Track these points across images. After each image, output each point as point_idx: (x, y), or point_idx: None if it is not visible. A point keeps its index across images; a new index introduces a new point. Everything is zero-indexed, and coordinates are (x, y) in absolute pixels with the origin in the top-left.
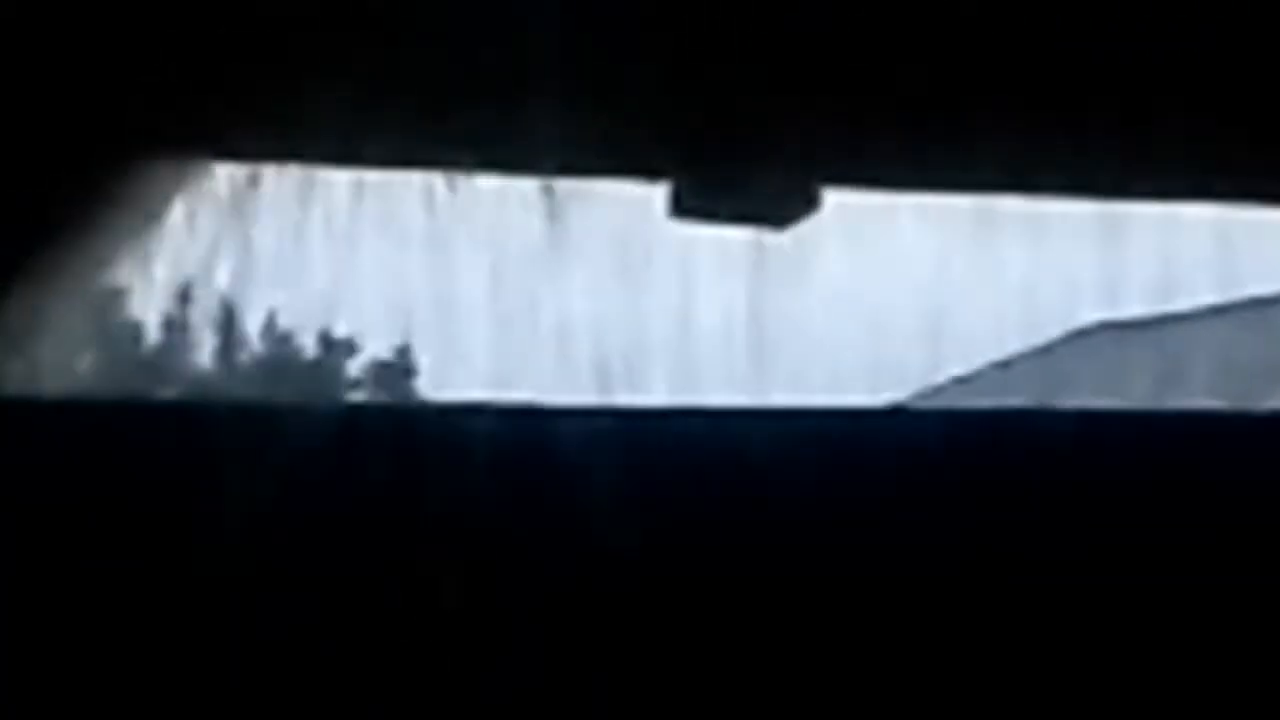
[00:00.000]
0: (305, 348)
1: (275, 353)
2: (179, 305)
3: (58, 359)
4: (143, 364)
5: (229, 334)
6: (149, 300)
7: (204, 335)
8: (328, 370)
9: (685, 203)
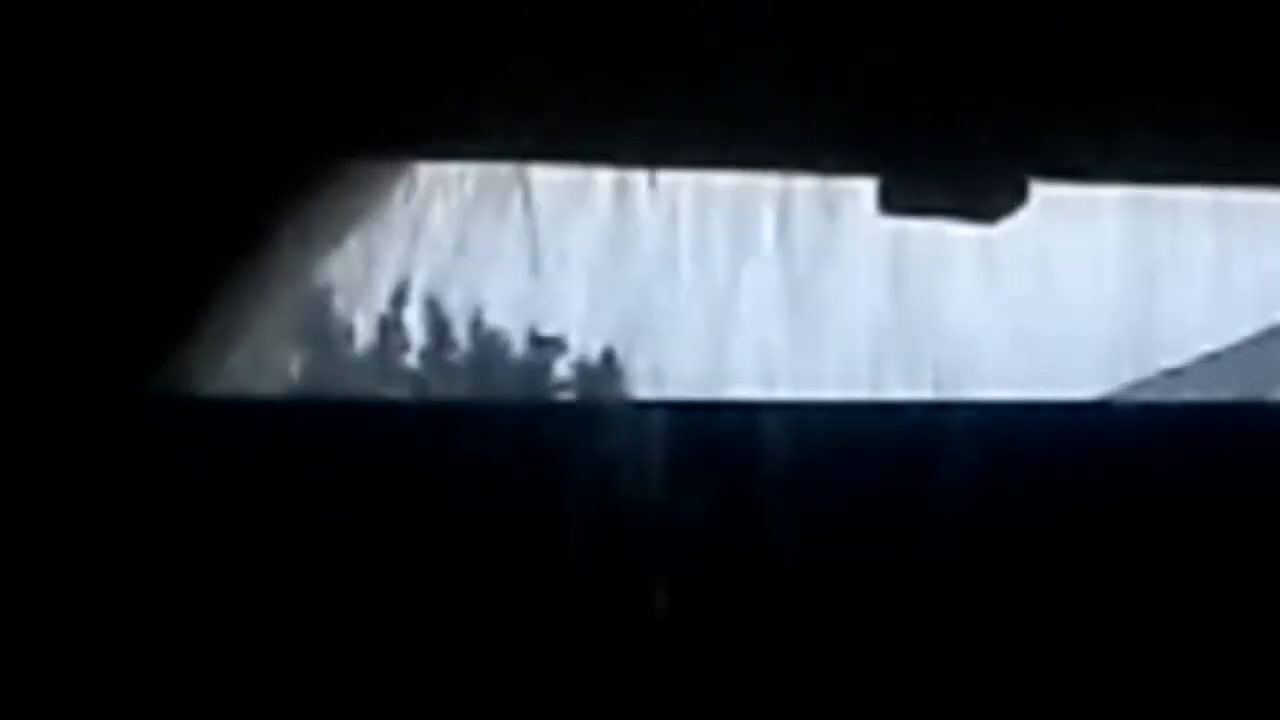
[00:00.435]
0: (513, 346)
1: (483, 351)
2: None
3: (269, 359)
4: (354, 364)
5: (438, 333)
6: (360, 301)
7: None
8: (536, 369)
9: (894, 197)
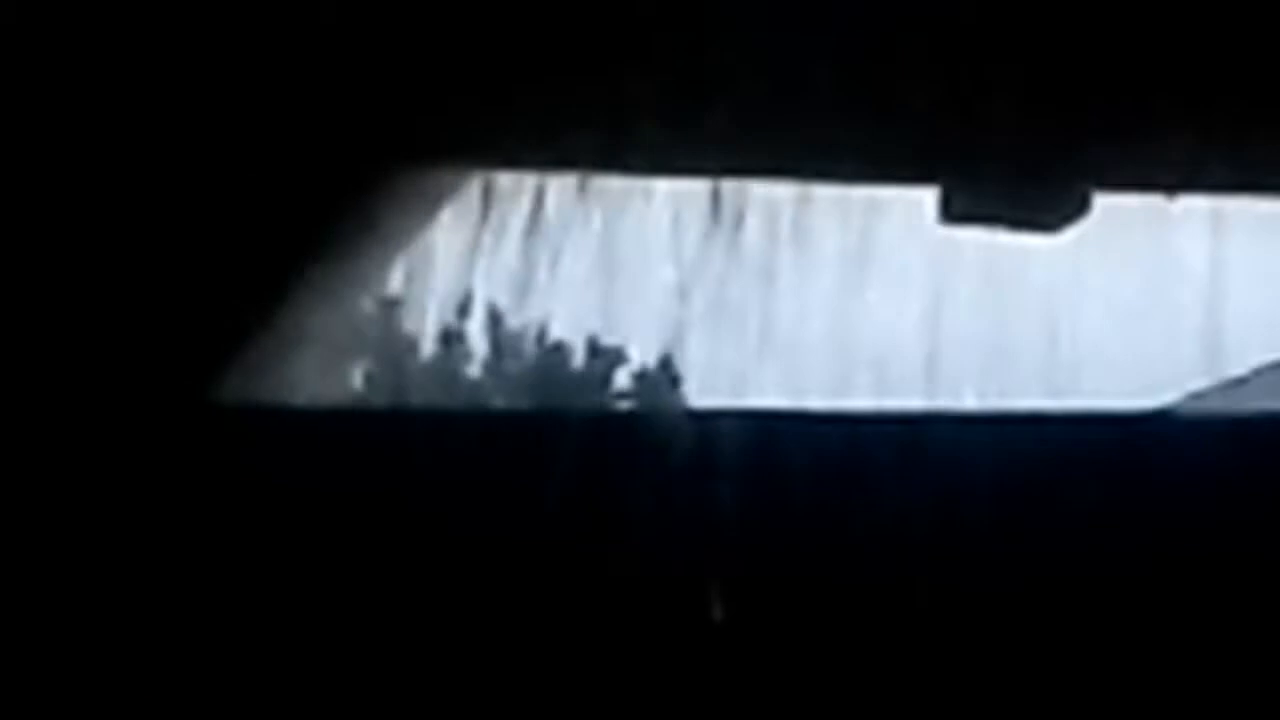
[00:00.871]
0: (574, 356)
1: (544, 362)
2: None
3: (332, 369)
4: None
5: (499, 344)
6: (424, 311)
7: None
8: (595, 379)
9: (955, 207)
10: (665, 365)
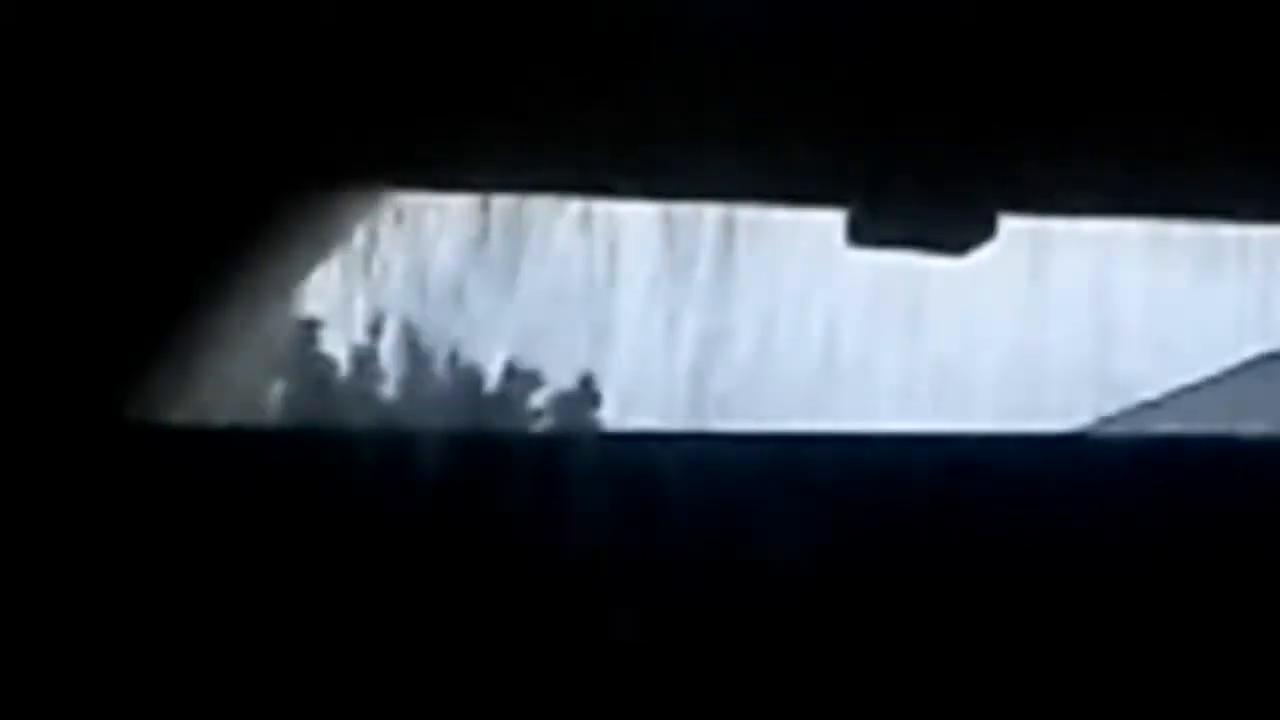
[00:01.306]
0: (489, 379)
1: (459, 383)
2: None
3: (246, 388)
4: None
5: (414, 365)
6: (339, 332)
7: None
8: (511, 401)
9: (863, 230)
10: (586, 385)
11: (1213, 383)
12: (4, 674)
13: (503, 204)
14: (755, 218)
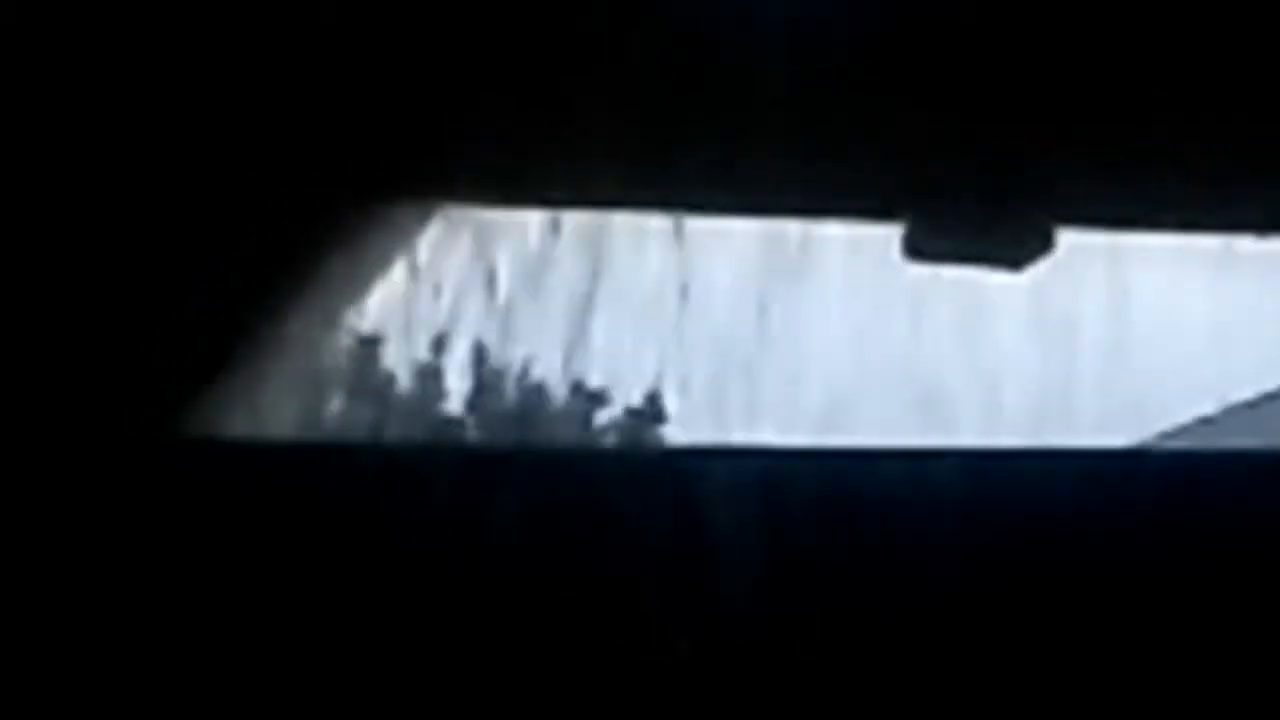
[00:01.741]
0: (556, 396)
1: (525, 400)
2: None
3: (304, 404)
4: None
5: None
6: (401, 348)
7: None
8: (577, 418)
9: (919, 244)
10: (653, 402)
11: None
12: (59, 684)
13: (574, 219)
14: (817, 232)
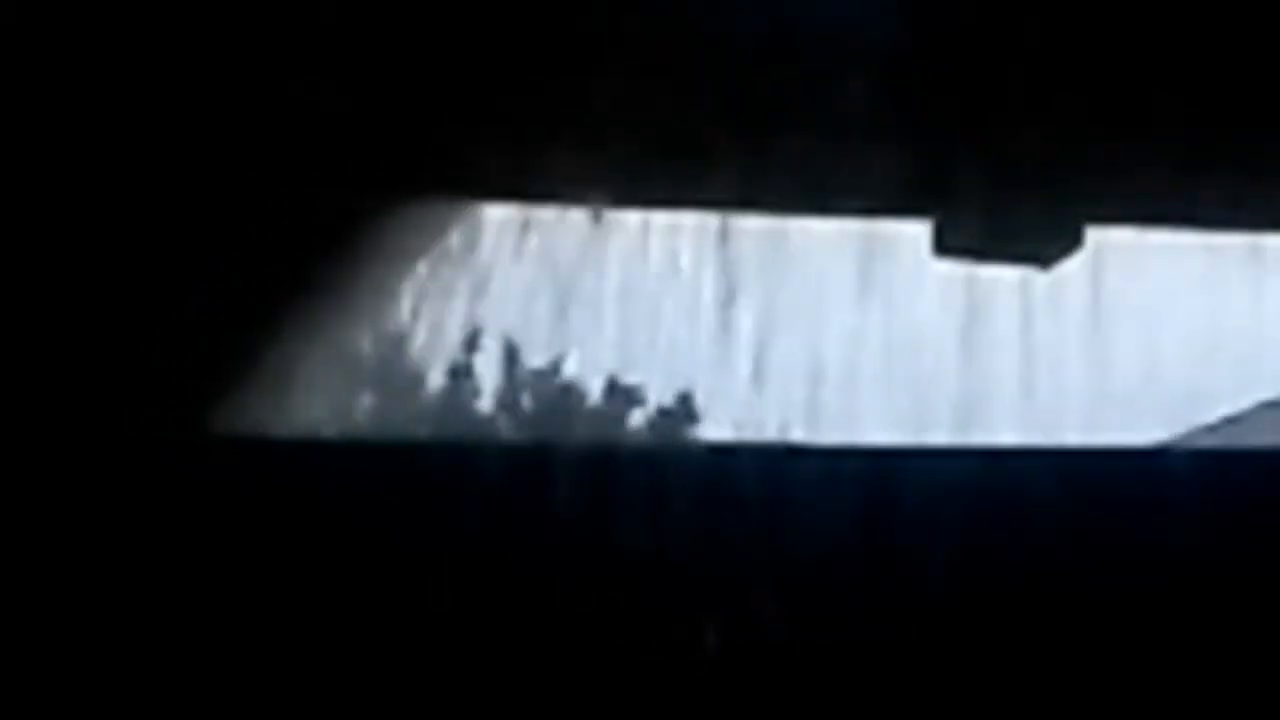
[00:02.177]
0: (590, 395)
1: (558, 400)
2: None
3: (332, 403)
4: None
5: (511, 381)
6: (431, 346)
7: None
8: (610, 418)
9: (948, 241)
10: (684, 402)
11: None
12: (83, 676)
13: (611, 219)
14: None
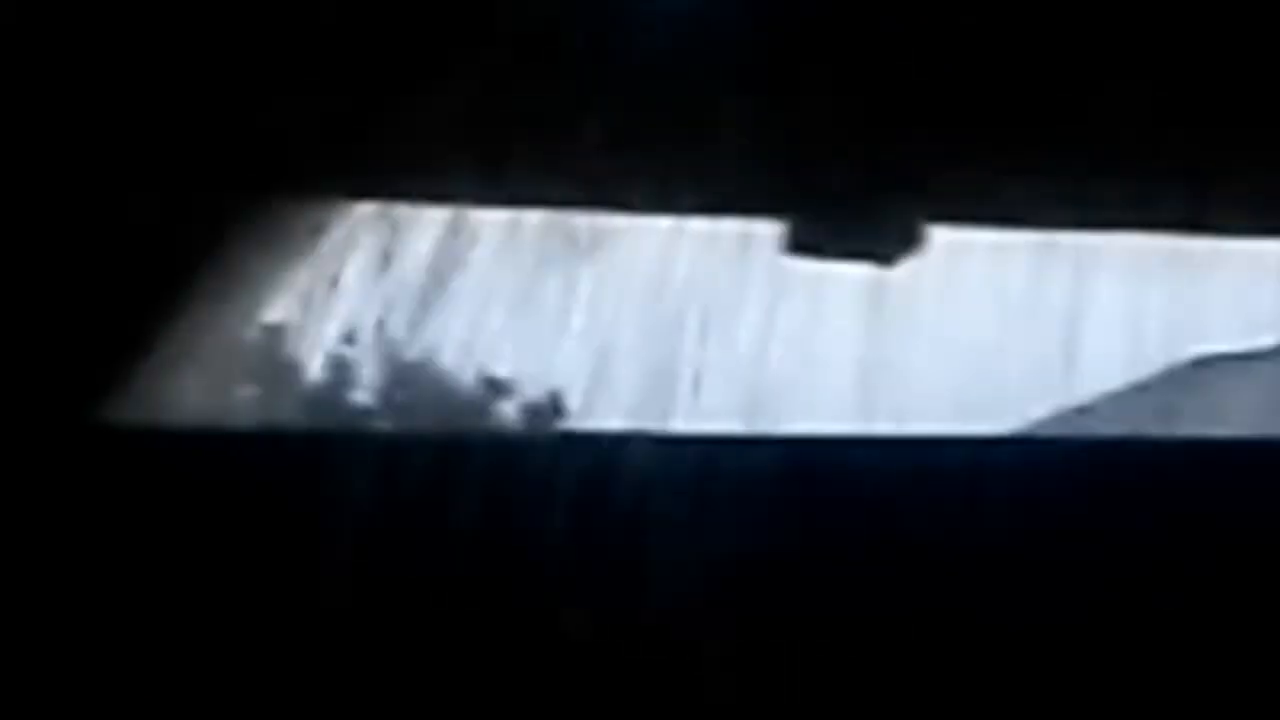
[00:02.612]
0: (462, 388)
1: (433, 392)
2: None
3: (213, 393)
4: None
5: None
6: (310, 339)
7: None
8: (483, 410)
9: (799, 240)
10: (554, 396)
11: (1139, 390)
12: None
13: (476, 217)
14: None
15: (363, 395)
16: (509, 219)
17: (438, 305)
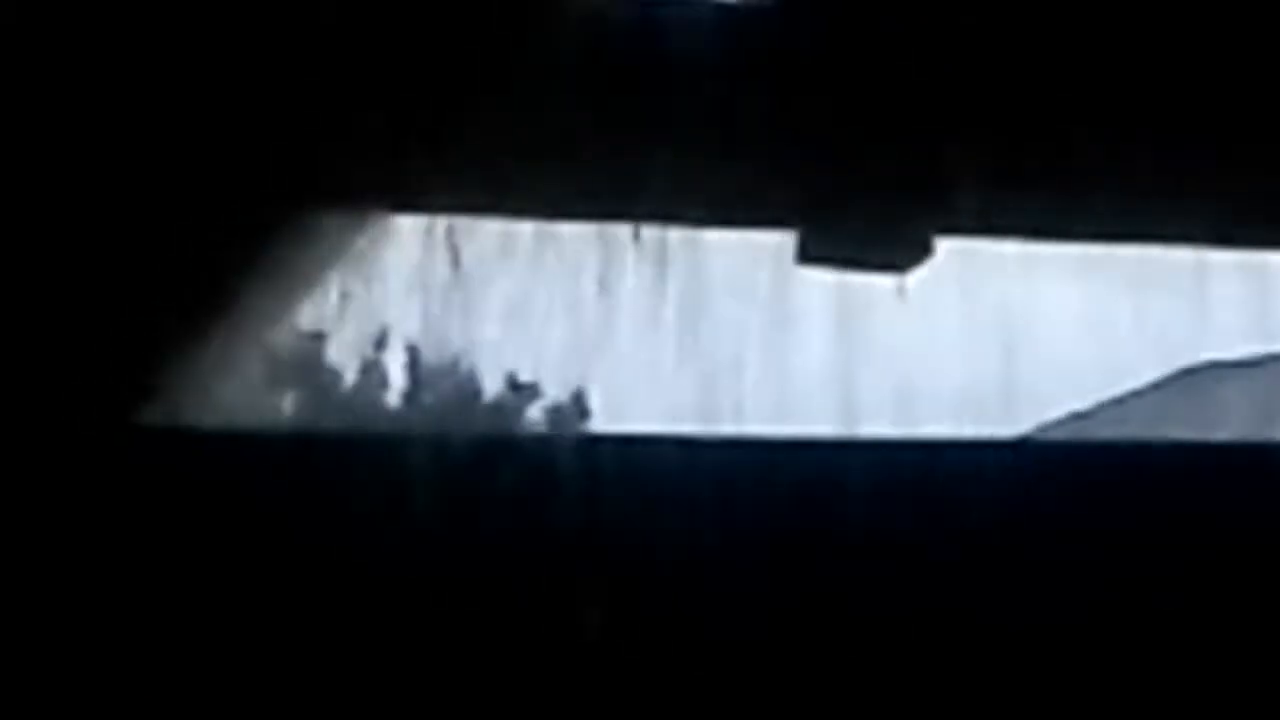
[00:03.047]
0: (489, 391)
1: (460, 395)
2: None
3: (258, 398)
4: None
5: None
6: (346, 345)
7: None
8: (509, 412)
9: (811, 250)
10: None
11: (1136, 396)
12: (13, 674)
13: (511, 228)
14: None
15: (394, 399)
16: (537, 229)
17: (469, 312)
